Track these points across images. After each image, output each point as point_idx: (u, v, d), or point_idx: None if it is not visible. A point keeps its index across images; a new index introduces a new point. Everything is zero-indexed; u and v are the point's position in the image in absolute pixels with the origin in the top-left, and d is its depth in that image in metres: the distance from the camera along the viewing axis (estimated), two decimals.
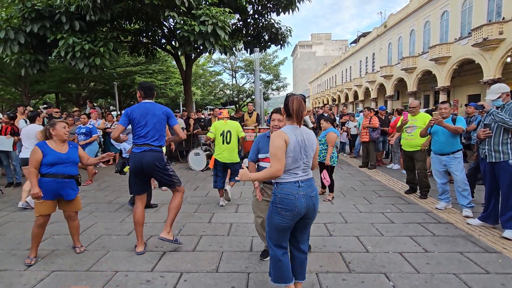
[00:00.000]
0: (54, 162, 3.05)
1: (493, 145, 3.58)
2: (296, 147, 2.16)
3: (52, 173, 3.04)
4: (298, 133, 2.20)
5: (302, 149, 2.19)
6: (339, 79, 47.02)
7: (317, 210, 2.28)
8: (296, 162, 2.18)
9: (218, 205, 4.97)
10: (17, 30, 7.86)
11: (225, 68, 32.49)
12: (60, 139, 3.16)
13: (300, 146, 2.18)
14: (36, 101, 21.33)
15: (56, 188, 3.05)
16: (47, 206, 3.06)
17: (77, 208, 3.30)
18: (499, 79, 16.25)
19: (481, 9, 18.07)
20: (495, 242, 3.37)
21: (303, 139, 2.20)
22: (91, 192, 5.90)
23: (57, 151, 3.11)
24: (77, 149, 3.28)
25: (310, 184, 2.25)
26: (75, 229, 3.32)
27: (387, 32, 29.74)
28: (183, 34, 7.64)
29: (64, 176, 3.09)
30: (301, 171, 2.22)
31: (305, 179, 2.23)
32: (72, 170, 3.17)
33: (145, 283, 2.66)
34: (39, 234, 3.11)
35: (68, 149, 3.19)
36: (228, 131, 4.86)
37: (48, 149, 3.08)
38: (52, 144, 3.13)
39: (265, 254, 3.07)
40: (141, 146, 3.19)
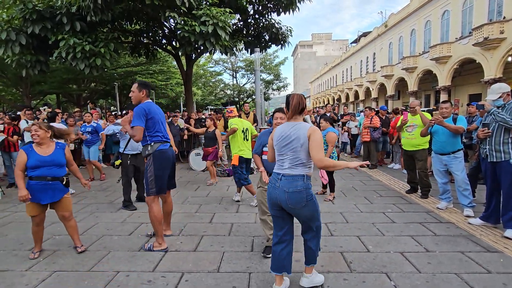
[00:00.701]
0: (37, 165, 3.06)
1: (494, 144, 3.57)
2: (280, 142, 2.39)
3: (36, 176, 3.07)
4: (287, 128, 2.37)
5: (284, 143, 2.36)
6: (339, 79, 47.00)
7: (293, 207, 2.33)
8: (280, 155, 2.41)
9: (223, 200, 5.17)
10: (18, 31, 7.87)
11: (225, 68, 32.53)
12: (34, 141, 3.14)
13: (283, 141, 2.36)
14: (37, 101, 21.40)
15: (41, 190, 3.07)
16: (35, 208, 3.11)
17: (66, 209, 3.25)
18: (500, 79, 16.22)
19: (482, 8, 18.05)
20: (497, 241, 3.36)
21: (287, 134, 2.35)
22: (92, 192, 5.90)
23: (40, 154, 3.10)
24: (63, 150, 3.24)
25: (292, 180, 2.32)
26: (72, 229, 3.33)
27: (388, 31, 29.72)
28: (184, 34, 7.64)
29: (48, 179, 3.10)
30: (287, 164, 2.36)
31: (289, 173, 2.34)
32: (57, 172, 3.15)
33: (146, 283, 2.66)
34: (38, 232, 3.21)
35: (53, 151, 3.16)
36: (247, 128, 5.13)
37: (31, 152, 3.09)
38: (36, 147, 3.13)
39: (268, 250, 3.11)
40: (166, 143, 3.35)
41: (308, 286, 2.56)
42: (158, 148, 3.26)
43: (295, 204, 2.33)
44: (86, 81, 19.96)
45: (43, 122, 3.36)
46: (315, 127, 2.34)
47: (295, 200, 2.32)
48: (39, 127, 3.16)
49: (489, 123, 3.67)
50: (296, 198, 2.32)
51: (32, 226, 3.18)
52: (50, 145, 3.20)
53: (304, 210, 2.36)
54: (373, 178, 6.78)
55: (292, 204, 2.34)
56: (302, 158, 2.32)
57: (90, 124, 7.05)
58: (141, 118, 3.15)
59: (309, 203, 2.35)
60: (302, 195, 2.31)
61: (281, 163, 2.40)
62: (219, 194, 5.60)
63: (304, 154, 2.32)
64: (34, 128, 3.17)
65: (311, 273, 2.59)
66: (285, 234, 2.50)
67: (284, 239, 2.49)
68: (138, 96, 3.29)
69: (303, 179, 2.33)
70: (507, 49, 15.97)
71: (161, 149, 3.28)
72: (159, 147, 3.27)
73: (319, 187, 5.69)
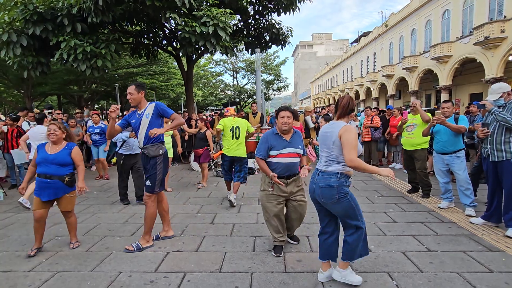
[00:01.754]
0: (39, 162, 3.24)
1: (496, 144, 3.57)
2: (320, 139, 2.58)
3: (38, 173, 3.25)
4: (327, 127, 2.52)
5: (322, 141, 2.54)
6: (340, 79, 46.97)
7: (325, 201, 2.46)
8: (321, 152, 2.57)
9: (225, 200, 5.17)
10: (19, 32, 7.90)
11: (226, 69, 32.50)
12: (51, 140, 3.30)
13: (322, 138, 2.55)
14: (39, 103, 21.42)
15: (42, 187, 3.21)
16: (36, 202, 3.24)
17: (66, 208, 3.35)
18: (501, 78, 16.19)
19: (483, 7, 18.02)
20: (498, 241, 3.36)
21: (325, 132, 2.50)
22: (94, 193, 5.92)
23: (47, 151, 3.24)
24: (70, 150, 3.31)
25: (326, 177, 2.44)
26: (70, 226, 3.47)
27: (388, 31, 29.69)
28: (184, 35, 7.66)
29: (46, 176, 3.20)
30: (323, 160, 2.51)
31: (324, 170, 2.47)
32: (56, 170, 3.22)
33: (149, 284, 2.67)
34: (38, 229, 3.29)
35: (60, 150, 3.27)
36: (237, 127, 5.08)
37: (41, 149, 3.28)
38: (48, 145, 3.30)
39: (278, 249, 3.14)
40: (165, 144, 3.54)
41: (338, 280, 2.58)
42: (165, 148, 3.43)
43: (327, 199, 2.44)
44: (87, 83, 19.97)
45: (61, 123, 3.45)
46: (349, 127, 2.36)
47: (327, 195, 2.43)
48: (58, 127, 3.31)
49: (490, 123, 3.67)
50: (328, 194, 2.42)
51: (34, 222, 3.27)
52: (61, 145, 3.33)
53: (336, 207, 2.43)
54: (374, 178, 6.77)
55: (324, 199, 2.46)
56: (334, 156, 2.41)
57: (98, 125, 7.32)
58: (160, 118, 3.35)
59: (340, 201, 2.40)
60: (333, 192, 2.39)
61: (321, 159, 2.56)
62: (221, 195, 5.60)
63: (336, 152, 2.40)
64: (53, 128, 3.28)
65: (344, 268, 2.56)
66: (327, 226, 2.64)
67: (326, 230, 2.65)
68: (137, 98, 3.33)
69: (337, 177, 2.41)
70: (508, 48, 15.93)
71: (165, 150, 3.45)
72: (164, 148, 3.44)
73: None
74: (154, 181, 3.32)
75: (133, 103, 3.36)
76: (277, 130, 3.15)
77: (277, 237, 3.16)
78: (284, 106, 3.21)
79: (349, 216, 2.45)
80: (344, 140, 2.31)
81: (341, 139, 2.34)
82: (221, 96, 34.58)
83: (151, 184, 3.33)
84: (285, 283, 2.64)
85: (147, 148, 3.32)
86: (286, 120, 3.03)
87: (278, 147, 3.07)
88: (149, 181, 3.33)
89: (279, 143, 3.09)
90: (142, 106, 3.37)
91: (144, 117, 3.30)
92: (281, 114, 3.08)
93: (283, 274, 2.78)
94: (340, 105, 2.46)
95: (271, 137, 3.13)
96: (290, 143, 3.11)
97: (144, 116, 3.31)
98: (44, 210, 3.27)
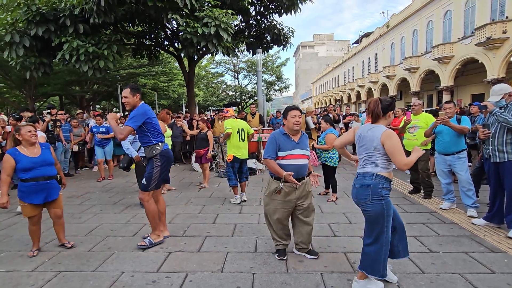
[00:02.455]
0: (29, 167, 3.11)
1: (497, 145, 3.57)
2: (357, 142, 2.55)
3: (31, 178, 3.12)
4: (365, 130, 2.50)
5: (360, 144, 2.51)
6: (341, 80, 46.93)
7: (357, 201, 2.48)
8: (359, 154, 2.56)
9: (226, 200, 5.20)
10: (22, 33, 7.94)
11: (227, 69, 32.51)
12: (28, 143, 3.18)
13: (360, 141, 2.51)
14: (41, 103, 21.49)
15: (37, 190, 3.15)
16: (32, 209, 3.18)
17: (59, 207, 3.37)
18: (503, 79, 16.14)
19: (485, 8, 17.98)
20: (501, 242, 3.36)
21: (364, 136, 2.48)
22: (96, 193, 5.94)
23: (29, 155, 3.15)
24: (49, 150, 3.33)
25: (362, 178, 2.45)
26: (60, 227, 3.44)
27: (390, 32, 29.66)
28: (186, 36, 7.68)
29: (44, 178, 3.19)
30: (361, 163, 2.52)
31: (361, 171, 2.49)
32: (50, 171, 3.24)
33: (151, 284, 2.68)
34: (36, 231, 3.29)
35: (41, 152, 3.24)
36: (242, 128, 5.12)
37: (20, 155, 3.12)
38: (23, 150, 3.16)
39: (281, 252, 3.08)
40: (165, 143, 3.47)
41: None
42: (164, 148, 3.42)
43: (360, 199, 2.44)
44: (89, 83, 20.03)
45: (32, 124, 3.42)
46: (390, 132, 2.33)
47: (360, 195, 2.43)
48: (35, 128, 3.29)
49: (491, 124, 3.67)
50: (361, 194, 2.42)
51: (29, 226, 3.26)
52: (36, 146, 3.27)
53: (368, 207, 2.40)
54: None
55: (357, 199, 2.47)
56: (374, 158, 2.42)
57: (103, 125, 7.36)
58: (138, 121, 3.20)
59: (374, 202, 2.36)
60: (367, 192, 2.38)
61: (359, 161, 2.56)
62: (222, 195, 5.61)
63: (377, 156, 2.39)
64: (32, 129, 3.22)
65: (362, 279, 2.48)
66: None
67: None
68: (133, 101, 3.30)
69: (372, 177, 2.39)
70: (510, 49, 15.89)
71: (167, 149, 3.47)
72: (165, 147, 3.43)
73: (322, 188, 5.69)
74: (149, 180, 3.35)
75: (128, 106, 3.32)
76: (285, 130, 3.02)
77: (281, 241, 3.10)
78: (293, 106, 3.11)
79: (377, 221, 2.38)
80: (390, 148, 2.31)
81: (384, 145, 2.33)
82: (223, 96, 34.59)
83: (146, 182, 3.36)
84: (287, 283, 2.64)
85: (143, 150, 3.46)
86: (298, 120, 2.91)
87: (286, 148, 2.94)
88: (145, 180, 3.37)
89: (288, 144, 2.96)
90: None
91: None
92: (292, 113, 2.95)
93: (284, 274, 2.79)
94: (368, 109, 2.49)
95: (280, 137, 2.99)
96: (298, 144, 2.99)
97: None
98: (40, 214, 3.27)
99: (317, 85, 65.14)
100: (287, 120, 2.98)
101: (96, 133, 7.23)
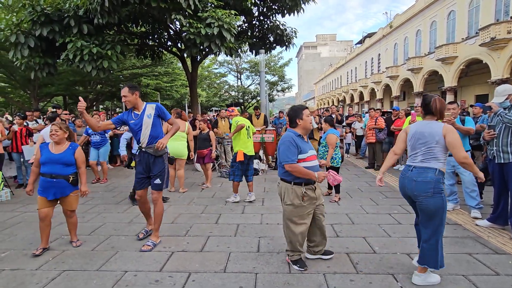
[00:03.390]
0: (44, 162, 3.25)
1: (502, 146, 3.55)
2: (413, 138, 2.62)
3: (42, 172, 3.26)
4: (421, 126, 2.60)
5: (418, 140, 2.58)
6: (344, 80, 46.84)
7: (418, 194, 2.52)
8: (413, 150, 2.63)
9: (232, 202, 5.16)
10: (27, 34, 8.00)
11: (230, 70, 32.60)
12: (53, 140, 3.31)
13: (417, 137, 2.58)
14: (44, 103, 21.65)
15: (47, 186, 3.24)
16: (41, 202, 3.28)
17: (70, 207, 3.40)
18: (507, 79, 16.04)
19: (489, 8, 17.88)
20: (505, 243, 3.34)
21: (421, 131, 2.57)
22: (99, 193, 5.97)
23: (51, 151, 3.27)
24: (73, 150, 3.35)
25: (422, 172, 2.52)
26: (71, 225, 3.51)
27: (393, 32, 29.56)
28: (189, 36, 7.70)
29: (51, 176, 3.23)
30: (419, 157, 2.57)
31: (420, 165, 2.55)
32: (60, 170, 3.26)
33: (154, 283, 2.69)
34: (43, 228, 3.32)
35: (65, 150, 3.30)
36: (248, 126, 5.20)
37: (45, 149, 3.29)
38: (51, 145, 3.32)
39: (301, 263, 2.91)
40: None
41: (419, 284, 2.56)
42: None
43: (421, 192, 2.49)
44: (93, 83, 20.16)
45: (62, 123, 3.47)
46: (449, 127, 2.48)
47: (421, 189, 2.49)
48: (59, 128, 3.33)
49: (496, 124, 3.64)
50: (423, 187, 2.48)
51: (39, 221, 3.32)
52: (65, 145, 3.35)
53: (429, 201, 2.47)
54: None
55: (417, 192, 2.51)
56: (435, 153, 2.51)
57: None
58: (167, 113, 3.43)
59: (435, 196, 2.45)
60: (429, 185, 2.46)
61: (414, 157, 2.63)
62: (225, 195, 5.62)
63: (438, 149, 2.50)
64: (54, 128, 3.31)
65: (423, 272, 2.59)
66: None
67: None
68: (132, 100, 3.33)
69: (435, 172, 2.48)
70: None
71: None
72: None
73: (324, 188, 5.69)
74: (163, 179, 3.43)
75: (129, 105, 3.36)
76: (298, 132, 2.86)
77: (302, 250, 2.95)
78: (304, 105, 3.02)
79: (436, 215, 2.47)
80: (452, 140, 2.44)
81: (445, 138, 2.46)
82: (225, 97, 34.65)
83: (160, 181, 3.42)
84: (290, 283, 2.64)
85: (152, 147, 3.36)
86: (311, 119, 2.94)
87: (305, 150, 2.79)
88: (159, 179, 3.41)
89: (305, 146, 2.82)
90: (140, 106, 3.39)
91: (145, 118, 3.33)
92: (306, 113, 2.84)
93: (287, 274, 2.79)
94: (435, 107, 2.55)
95: (297, 139, 2.80)
96: (309, 145, 2.93)
97: (146, 116, 3.34)
98: (49, 208, 3.31)
99: (320, 85, 65.05)
100: (303, 120, 2.84)
101: (91, 134, 6.93)
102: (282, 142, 2.83)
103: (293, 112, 2.91)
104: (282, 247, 3.33)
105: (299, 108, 2.92)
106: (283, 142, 2.82)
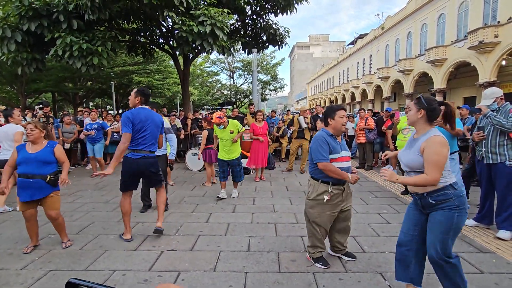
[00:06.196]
0: (20, 162, 3.16)
1: (490, 147, 3.63)
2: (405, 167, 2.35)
3: (19, 173, 3.17)
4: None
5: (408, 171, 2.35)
6: (336, 81, 47.17)
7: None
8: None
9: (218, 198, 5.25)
10: (14, 28, 7.81)
11: (222, 69, 32.50)
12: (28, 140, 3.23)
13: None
14: (32, 100, 21.19)
15: (24, 187, 3.13)
16: (21, 204, 3.19)
17: (53, 208, 3.26)
18: (494, 82, 16.39)
19: (477, 12, 18.24)
20: (489, 242, 3.42)
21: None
22: (88, 191, 5.88)
23: (28, 151, 3.17)
24: (51, 149, 3.24)
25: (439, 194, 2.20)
26: (58, 227, 3.39)
27: (385, 34, 29.90)
28: (182, 34, 7.64)
29: (27, 176, 3.11)
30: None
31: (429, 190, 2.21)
32: (37, 169, 3.14)
33: (142, 282, 2.66)
34: (30, 227, 3.27)
35: (42, 149, 3.20)
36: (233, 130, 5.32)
37: (22, 150, 3.20)
38: (28, 145, 3.23)
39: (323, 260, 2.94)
40: (138, 153, 3.44)
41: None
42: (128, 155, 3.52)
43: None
44: (82, 80, 19.83)
45: (38, 122, 3.39)
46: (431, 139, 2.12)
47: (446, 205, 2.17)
48: (35, 127, 3.22)
49: (485, 126, 3.72)
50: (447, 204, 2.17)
51: (25, 221, 3.26)
52: (42, 144, 3.25)
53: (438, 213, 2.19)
54: (369, 179, 6.83)
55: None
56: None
57: (96, 121, 7.29)
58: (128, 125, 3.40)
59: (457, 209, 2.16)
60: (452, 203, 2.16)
61: None
62: (216, 194, 5.59)
63: None
64: (29, 127, 3.21)
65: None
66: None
67: None
68: (133, 102, 3.58)
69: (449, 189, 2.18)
70: (501, 53, 16.14)
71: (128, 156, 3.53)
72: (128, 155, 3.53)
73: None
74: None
75: (130, 104, 3.64)
76: (331, 132, 2.84)
77: (323, 247, 2.98)
78: (340, 105, 2.96)
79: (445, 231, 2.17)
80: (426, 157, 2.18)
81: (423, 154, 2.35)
82: (217, 95, 34.52)
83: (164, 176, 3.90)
84: (279, 282, 2.65)
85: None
86: (346, 120, 2.83)
87: (337, 150, 2.79)
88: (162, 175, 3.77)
89: (337, 146, 2.83)
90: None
91: None
92: (340, 114, 2.79)
93: (277, 273, 2.80)
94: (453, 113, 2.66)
95: (329, 139, 2.80)
96: (343, 146, 2.91)
97: None
98: (32, 209, 3.21)
99: (312, 85, 65.36)
100: (335, 120, 2.80)
101: (90, 129, 7.27)
102: (314, 141, 2.84)
103: (327, 111, 2.90)
104: (272, 246, 3.34)
105: (334, 108, 2.87)
106: (315, 141, 2.83)
